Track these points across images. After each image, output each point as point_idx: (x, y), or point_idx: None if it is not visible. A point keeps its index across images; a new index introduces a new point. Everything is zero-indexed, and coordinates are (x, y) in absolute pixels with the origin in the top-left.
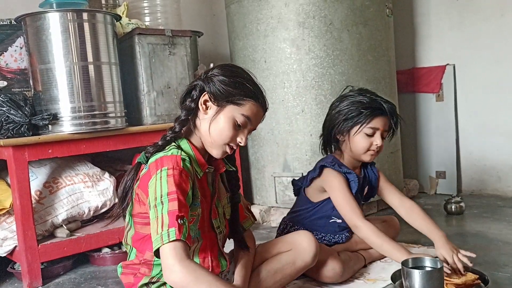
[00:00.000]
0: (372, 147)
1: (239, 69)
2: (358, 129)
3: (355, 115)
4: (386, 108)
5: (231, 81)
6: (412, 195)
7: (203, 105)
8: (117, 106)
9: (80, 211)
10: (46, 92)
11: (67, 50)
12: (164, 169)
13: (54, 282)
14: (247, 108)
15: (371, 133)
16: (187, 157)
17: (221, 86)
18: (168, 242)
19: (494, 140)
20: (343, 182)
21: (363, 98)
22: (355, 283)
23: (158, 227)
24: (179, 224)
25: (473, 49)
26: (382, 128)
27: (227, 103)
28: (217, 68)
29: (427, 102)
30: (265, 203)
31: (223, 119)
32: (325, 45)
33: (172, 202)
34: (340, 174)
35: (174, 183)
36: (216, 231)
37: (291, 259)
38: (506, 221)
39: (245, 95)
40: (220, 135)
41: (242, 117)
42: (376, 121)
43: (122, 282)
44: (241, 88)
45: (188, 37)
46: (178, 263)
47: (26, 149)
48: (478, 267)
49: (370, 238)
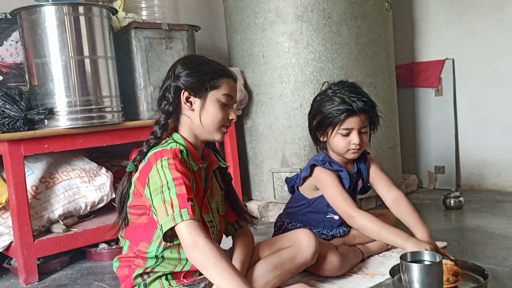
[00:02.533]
0: (351, 146)
1: (197, 56)
2: (332, 132)
3: (327, 118)
4: (355, 108)
5: (198, 70)
6: (411, 190)
7: (187, 102)
8: (113, 101)
9: (76, 206)
10: (42, 86)
11: (63, 44)
12: (165, 159)
13: (50, 278)
14: (224, 86)
15: (346, 134)
16: (185, 149)
17: (193, 79)
18: (182, 221)
19: (493, 134)
20: (335, 178)
21: (334, 100)
22: (353, 278)
23: (168, 209)
24: (191, 205)
25: (472, 43)
26: (357, 127)
27: (207, 90)
28: (179, 64)
29: (426, 97)
30: (263, 199)
31: (210, 106)
32: (324, 39)
33: (179, 186)
34: (331, 171)
35: (177, 170)
36: (208, 225)
37: (291, 256)
38: (505, 215)
39: (217, 76)
40: (214, 121)
41: (224, 96)
42: (349, 122)
43: (118, 275)
44: (210, 71)
45: (185, 31)
46: (202, 240)
47: (21, 144)
48: (478, 261)
49: (367, 226)
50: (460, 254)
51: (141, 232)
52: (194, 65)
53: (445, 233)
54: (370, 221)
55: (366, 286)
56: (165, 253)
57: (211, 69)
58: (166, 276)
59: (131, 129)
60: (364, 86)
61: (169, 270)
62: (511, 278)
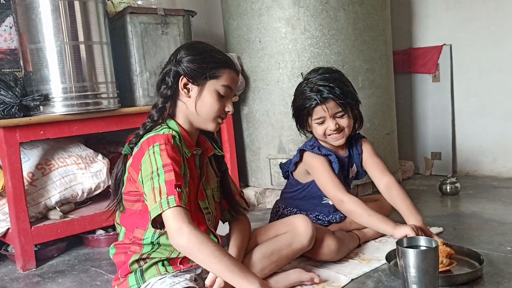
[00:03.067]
0: (328, 132)
1: (202, 44)
2: (309, 121)
3: (300, 110)
4: (317, 99)
5: (201, 57)
6: (408, 176)
7: (184, 88)
8: (109, 87)
9: (73, 193)
10: (36, 72)
11: (58, 29)
12: (157, 144)
13: (48, 264)
14: (225, 77)
15: (321, 122)
16: (177, 134)
17: (194, 66)
18: (169, 208)
19: (490, 121)
20: (325, 163)
21: (304, 92)
22: (349, 263)
23: (156, 196)
24: (178, 192)
25: (471, 29)
26: (329, 114)
27: (206, 79)
28: (183, 50)
29: (423, 83)
30: (260, 185)
31: (207, 95)
32: (321, 24)
33: (168, 173)
34: (320, 155)
35: (168, 156)
36: (204, 212)
37: (288, 241)
38: (501, 201)
39: (219, 66)
40: (209, 110)
41: (223, 87)
42: (317, 111)
43: (114, 262)
44: (213, 61)
45: (181, 16)
46: (186, 226)
47: (17, 130)
48: (473, 247)
49: (356, 211)
50: (456, 240)
51: (136, 219)
52: (197, 52)
53: (441, 219)
54: (360, 207)
55: (363, 271)
56: (161, 239)
57: (214, 58)
58: (162, 262)
59: (127, 116)
60: (361, 72)
61: (166, 256)
62: (506, 263)
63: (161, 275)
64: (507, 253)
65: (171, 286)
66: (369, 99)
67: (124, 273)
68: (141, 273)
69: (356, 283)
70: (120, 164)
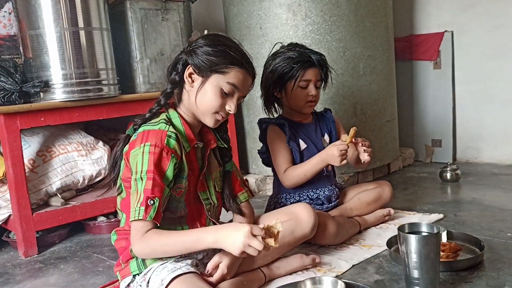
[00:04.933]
0: (309, 98)
1: (223, 37)
2: (293, 84)
3: (287, 71)
4: (314, 60)
5: (214, 50)
6: (408, 163)
7: (189, 78)
8: (109, 74)
9: (74, 180)
10: (36, 58)
11: (57, 15)
12: (147, 144)
13: (49, 251)
14: (232, 75)
15: (305, 86)
16: (174, 133)
17: (204, 57)
18: (137, 219)
19: (491, 108)
20: (278, 133)
21: (293, 54)
22: (350, 249)
23: (135, 202)
24: (148, 204)
25: (473, 15)
26: (314, 79)
27: (211, 72)
28: (201, 39)
29: (424, 70)
30: (261, 172)
31: (209, 89)
32: (322, 10)
33: (148, 181)
34: (274, 125)
35: (153, 162)
36: (204, 202)
37: (290, 229)
38: (501, 188)
39: (229, 62)
40: (208, 104)
41: (228, 85)
42: (308, 73)
43: (116, 247)
44: (224, 56)
45: (181, 2)
46: (136, 242)
47: (18, 117)
48: (474, 233)
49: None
50: (457, 226)
51: None
52: (213, 44)
53: (441, 206)
54: (294, 170)
55: (363, 257)
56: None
57: (227, 54)
58: None
59: (127, 102)
60: (362, 59)
61: None
62: (507, 249)
63: (162, 261)
64: (508, 239)
65: (172, 271)
66: (370, 86)
67: (126, 259)
68: (143, 259)
69: (357, 268)
70: (122, 143)
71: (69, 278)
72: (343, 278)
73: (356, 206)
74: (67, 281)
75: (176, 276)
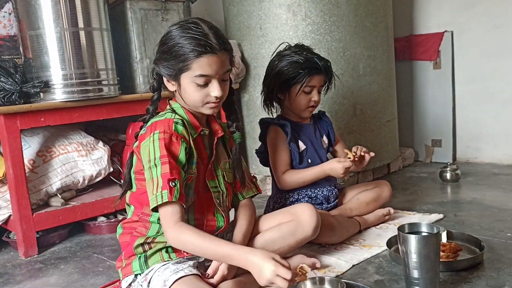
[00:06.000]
0: (311, 103)
1: (170, 34)
2: (298, 89)
3: (294, 76)
4: (321, 66)
5: (167, 55)
6: (408, 163)
7: (168, 84)
8: (109, 74)
9: (74, 180)
10: (36, 59)
11: (57, 16)
12: (156, 132)
13: (50, 251)
14: (195, 67)
15: (309, 91)
16: (180, 120)
17: (165, 64)
18: (162, 203)
19: (490, 107)
20: (279, 134)
21: (300, 58)
22: (350, 249)
23: (153, 188)
24: (170, 186)
25: (472, 14)
26: (318, 85)
27: (179, 74)
28: (159, 43)
29: (424, 70)
30: (261, 172)
31: (186, 88)
32: (322, 10)
33: (164, 165)
34: (276, 126)
35: (164, 147)
36: (212, 190)
37: (292, 230)
38: (501, 188)
39: (186, 58)
40: (193, 100)
41: (198, 77)
42: (314, 80)
43: (119, 242)
44: (177, 55)
45: (181, 3)
46: (169, 229)
47: (18, 117)
48: (474, 233)
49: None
50: (457, 226)
51: (146, 197)
52: (165, 48)
53: (441, 206)
54: (293, 175)
55: (363, 257)
56: None
57: (178, 52)
58: (166, 249)
59: (127, 103)
60: (362, 59)
61: None
62: (506, 249)
63: (164, 262)
64: (507, 239)
65: (174, 272)
66: (370, 86)
67: (128, 255)
68: (145, 259)
69: (357, 269)
70: (129, 159)
71: (69, 279)
72: (343, 278)
73: (356, 206)
74: (67, 282)
75: (178, 278)
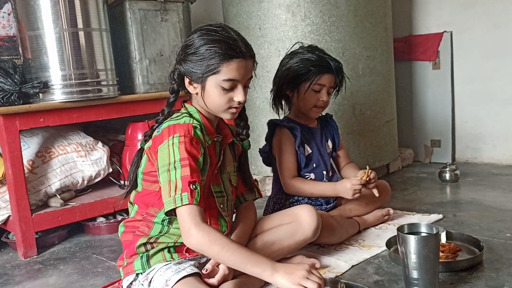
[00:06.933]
0: (319, 103)
1: (204, 33)
2: (307, 86)
3: (304, 72)
4: (333, 66)
5: (197, 55)
6: (407, 163)
7: (190, 86)
8: (109, 74)
9: (73, 180)
10: (36, 59)
11: (56, 16)
12: (176, 136)
13: (49, 251)
14: (225, 71)
15: (318, 89)
16: (198, 125)
17: (192, 65)
18: (182, 205)
19: (490, 107)
20: (287, 137)
21: (312, 56)
22: (350, 249)
23: (171, 190)
24: (191, 189)
25: (472, 14)
26: (328, 85)
27: (206, 76)
28: (187, 42)
29: (423, 70)
30: (261, 173)
31: (210, 91)
32: (321, 11)
33: (184, 168)
34: (285, 128)
35: (185, 150)
36: (215, 195)
37: (291, 232)
38: (501, 188)
39: (217, 60)
40: (216, 104)
41: (225, 82)
42: (324, 78)
43: (121, 240)
44: (209, 56)
45: (180, 3)
46: (194, 227)
47: (17, 118)
48: (473, 233)
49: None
50: (456, 227)
51: (153, 198)
52: (194, 49)
53: (441, 206)
54: (303, 184)
55: (363, 258)
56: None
57: (209, 53)
58: (168, 249)
59: (127, 103)
60: (361, 59)
61: (173, 241)
62: (506, 249)
63: (166, 262)
64: (507, 240)
65: (176, 272)
66: (369, 87)
67: (130, 254)
68: (147, 259)
69: (356, 269)
70: (136, 158)
71: (69, 279)
72: (342, 278)
73: (355, 206)
74: (67, 282)
75: (181, 278)
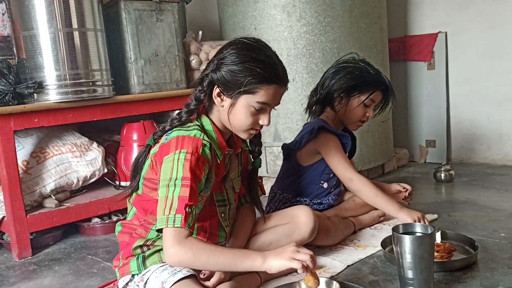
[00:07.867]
0: (364, 118)
1: (251, 49)
2: (362, 99)
3: (364, 83)
4: (389, 85)
5: (240, 69)
6: (402, 164)
7: (218, 97)
8: (103, 74)
9: (68, 181)
10: (30, 59)
11: (51, 16)
12: (184, 151)
13: (44, 252)
14: (261, 94)
15: (368, 104)
16: (208, 143)
17: (231, 77)
18: (173, 227)
19: (484, 108)
20: (338, 142)
21: (373, 70)
22: (345, 250)
23: (166, 208)
24: (187, 212)
25: (466, 15)
26: (377, 102)
27: (240, 93)
28: (227, 53)
29: (418, 71)
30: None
31: (240, 110)
32: (317, 11)
33: (184, 188)
34: (335, 135)
35: (189, 169)
36: (217, 204)
37: (288, 232)
38: (495, 188)
39: (257, 81)
40: (240, 123)
41: (259, 104)
42: (377, 95)
43: (118, 240)
44: (252, 75)
45: (175, 3)
46: (175, 246)
47: (11, 118)
48: (468, 233)
49: (363, 190)
50: (451, 226)
51: (152, 205)
52: (239, 61)
53: (435, 206)
54: (368, 186)
55: (358, 258)
56: None
57: (254, 73)
58: None
59: (122, 103)
60: None
61: None
62: (500, 249)
63: (162, 263)
64: (501, 239)
65: (172, 274)
66: None
67: (126, 255)
68: (143, 260)
69: (351, 269)
70: (143, 154)
71: (63, 280)
72: (337, 278)
73: (351, 207)
74: (61, 283)
75: (177, 280)
